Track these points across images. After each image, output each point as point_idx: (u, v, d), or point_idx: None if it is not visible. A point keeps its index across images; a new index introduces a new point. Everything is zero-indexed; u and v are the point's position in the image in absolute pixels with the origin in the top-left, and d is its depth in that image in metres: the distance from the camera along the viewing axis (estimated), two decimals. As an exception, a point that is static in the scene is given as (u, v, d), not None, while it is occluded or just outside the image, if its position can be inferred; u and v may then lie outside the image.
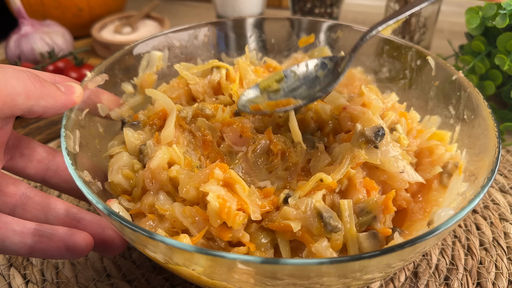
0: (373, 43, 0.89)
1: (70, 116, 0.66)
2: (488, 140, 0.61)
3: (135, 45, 0.82)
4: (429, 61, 0.79)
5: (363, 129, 0.60)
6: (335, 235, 0.55)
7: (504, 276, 0.69)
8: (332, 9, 1.33)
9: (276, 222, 0.56)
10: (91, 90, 0.71)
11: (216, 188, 0.55)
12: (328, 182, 0.58)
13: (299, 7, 1.34)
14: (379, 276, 0.56)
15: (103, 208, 0.51)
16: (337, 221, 0.55)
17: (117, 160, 0.67)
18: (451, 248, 0.74)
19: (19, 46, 1.16)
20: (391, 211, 0.57)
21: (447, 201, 0.64)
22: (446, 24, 1.49)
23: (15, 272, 0.71)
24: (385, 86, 0.89)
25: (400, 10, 0.67)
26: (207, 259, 0.46)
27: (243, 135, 0.66)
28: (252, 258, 0.44)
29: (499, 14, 0.91)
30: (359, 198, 0.59)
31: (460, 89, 0.72)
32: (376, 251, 0.44)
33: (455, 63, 1.12)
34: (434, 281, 0.69)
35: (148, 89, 0.73)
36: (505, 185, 0.86)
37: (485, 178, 0.55)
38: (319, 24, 0.93)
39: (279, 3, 1.69)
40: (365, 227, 0.58)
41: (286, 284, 0.49)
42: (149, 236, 0.47)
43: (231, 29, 0.94)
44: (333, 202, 0.59)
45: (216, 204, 0.53)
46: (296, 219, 0.55)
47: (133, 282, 0.69)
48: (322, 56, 0.76)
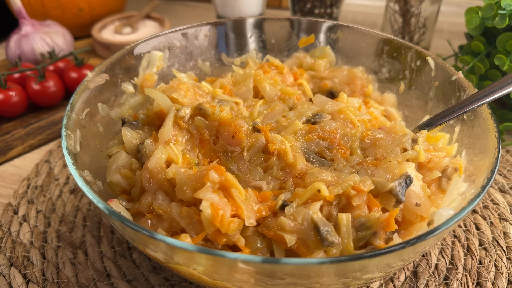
0: (373, 44, 0.89)
1: (71, 115, 0.66)
2: (488, 140, 0.61)
3: (135, 45, 0.82)
4: (429, 61, 0.79)
5: (393, 187, 0.58)
6: (331, 249, 0.54)
7: (504, 276, 0.69)
8: (332, 9, 1.33)
9: (272, 230, 0.55)
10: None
11: (210, 196, 0.54)
12: (325, 195, 0.56)
13: (299, 8, 1.35)
14: (379, 276, 0.56)
15: (104, 208, 0.51)
16: (334, 236, 0.54)
17: (116, 160, 0.68)
18: (450, 248, 0.74)
19: (19, 46, 1.16)
20: (392, 229, 0.56)
21: (447, 201, 0.64)
22: (445, 24, 1.49)
23: (15, 271, 0.71)
24: (385, 86, 0.89)
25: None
26: (208, 258, 0.46)
27: (236, 136, 0.66)
28: (252, 257, 0.45)
29: (498, 14, 0.91)
30: (359, 213, 0.57)
31: (460, 90, 0.73)
32: (377, 251, 0.44)
33: (454, 63, 1.12)
34: (434, 281, 0.69)
35: (147, 89, 0.73)
36: (504, 185, 0.86)
37: (485, 178, 0.55)
38: (319, 24, 0.93)
39: (279, 3, 1.69)
40: (363, 242, 0.57)
41: (287, 284, 0.49)
42: (150, 235, 0.47)
43: (231, 30, 0.94)
44: (331, 213, 0.57)
45: (209, 212, 0.53)
46: (292, 231, 0.54)
47: (133, 282, 0.69)
48: None
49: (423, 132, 0.68)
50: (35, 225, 0.79)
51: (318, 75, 0.88)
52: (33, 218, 0.80)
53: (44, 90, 1.01)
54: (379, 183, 0.58)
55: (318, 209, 0.56)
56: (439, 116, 0.69)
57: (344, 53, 0.92)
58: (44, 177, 0.89)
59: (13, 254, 0.73)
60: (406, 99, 0.85)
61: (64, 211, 0.81)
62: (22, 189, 0.87)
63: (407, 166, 0.62)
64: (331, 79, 0.87)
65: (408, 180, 0.59)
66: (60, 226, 0.78)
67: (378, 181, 0.59)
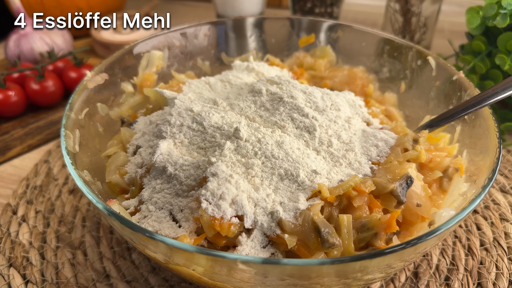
0: (373, 43, 0.89)
1: (70, 115, 0.66)
2: (489, 140, 0.61)
3: (135, 44, 0.82)
4: (430, 61, 0.79)
5: (394, 188, 0.58)
6: (332, 250, 0.54)
7: (505, 276, 0.69)
8: (332, 8, 1.33)
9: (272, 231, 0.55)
10: None
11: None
12: (325, 196, 0.56)
13: (299, 7, 1.34)
14: (380, 277, 0.56)
15: (103, 208, 0.51)
16: (335, 237, 0.53)
17: (114, 160, 0.67)
18: (451, 248, 0.74)
19: (18, 46, 1.16)
20: (394, 230, 0.56)
21: (448, 201, 0.63)
22: (446, 24, 1.49)
23: (14, 272, 0.71)
24: (386, 86, 0.89)
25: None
26: (208, 259, 0.46)
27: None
28: (252, 258, 0.44)
29: (499, 13, 0.91)
30: (360, 214, 0.57)
31: (461, 89, 0.72)
32: (377, 251, 0.44)
33: (455, 63, 1.12)
34: (435, 281, 0.68)
35: (146, 89, 0.73)
36: (505, 185, 0.86)
37: (486, 178, 0.55)
38: (319, 23, 0.92)
39: (279, 2, 1.68)
40: (364, 243, 0.57)
41: (287, 285, 0.49)
42: (150, 236, 0.46)
43: (231, 29, 0.94)
44: (332, 214, 0.57)
45: (209, 217, 0.53)
46: (292, 233, 0.54)
47: (133, 282, 0.69)
48: None
49: (424, 132, 0.68)
50: (34, 225, 0.79)
51: (319, 75, 0.88)
52: (32, 218, 0.80)
53: (43, 90, 1.01)
54: (380, 184, 0.58)
55: (318, 210, 0.55)
56: (441, 117, 0.68)
57: (345, 52, 0.92)
58: (43, 177, 0.89)
59: (12, 255, 0.73)
60: (406, 98, 0.85)
61: (63, 211, 0.81)
62: (21, 189, 0.86)
63: (408, 167, 0.61)
64: (331, 79, 0.86)
65: (409, 181, 0.58)
66: (59, 227, 0.78)
67: (379, 182, 0.58)
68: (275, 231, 0.54)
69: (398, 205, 0.58)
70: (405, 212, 0.60)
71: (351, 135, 0.67)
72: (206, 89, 0.79)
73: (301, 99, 0.68)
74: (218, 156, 0.60)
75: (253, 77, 0.81)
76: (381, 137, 0.67)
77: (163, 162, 0.62)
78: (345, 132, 0.67)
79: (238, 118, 0.67)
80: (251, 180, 0.58)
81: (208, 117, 0.66)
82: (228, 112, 0.68)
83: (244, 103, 0.69)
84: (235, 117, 0.67)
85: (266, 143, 0.61)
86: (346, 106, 0.70)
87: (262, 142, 0.61)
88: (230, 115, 0.67)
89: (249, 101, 0.70)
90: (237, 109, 0.69)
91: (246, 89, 0.74)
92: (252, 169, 0.59)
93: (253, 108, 0.69)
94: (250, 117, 0.67)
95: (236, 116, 0.67)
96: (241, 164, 0.60)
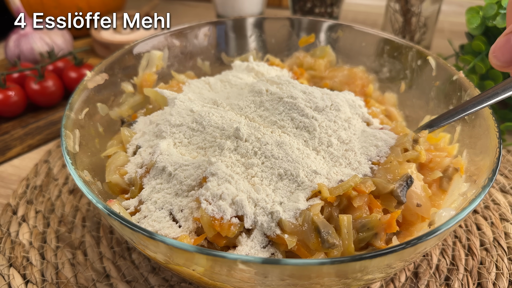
0: (373, 43, 0.89)
1: (70, 115, 0.66)
2: (489, 140, 0.61)
3: (135, 44, 0.82)
4: (430, 61, 0.79)
5: (394, 188, 0.58)
6: (332, 250, 0.54)
7: (505, 276, 0.69)
8: (332, 8, 1.33)
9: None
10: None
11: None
12: (325, 196, 0.56)
13: (299, 7, 1.34)
14: (380, 277, 0.56)
15: (103, 208, 0.51)
16: (335, 238, 0.53)
17: (114, 160, 0.67)
18: (451, 248, 0.74)
19: (18, 46, 1.16)
20: (394, 230, 0.56)
21: (448, 201, 0.63)
22: (446, 24, 1.49)
23: (14, 272, 0.71)
24: (386, 86, 0.89)
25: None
26: (208, 259, 0.46)
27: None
28: (252, 258, 0.44)
29: (499, 13, 0.91)
30: (360, 214, 0.57)
31: (461, 89, 0.72)
32: (377, 251, 0.44)
33: (455, 63, 1.12)
34: (435, 282, 0.68)
35: (146, 89, 0.73)
36: (505, 185, 0.86)
37: (486, 178, 0.55)
38: (319, 23, 0.92)
39: (279, 2, 1.68)
40: (364, 243, 0.57)
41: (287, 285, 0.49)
42: (150, 236, 0.46)
43: (231, 29, 0.94)
44: (332, 214, 0.57)
45: (209, 218, 0.53)
46: (292, 233, 0.54)
47: (133, 282, 0.69)
48: None
49: (424, 132, 0.68)
50: (34, 225, 0.79)
51: (319, 75, 0.88)
52: (32, 218, 0.80)
53: (43, 90, 1.01)
54: (380, 184, 0.58)
55: (318, 211, 0.55)
56: (441, 118, 0.68)
57: (345, 52, 0.92)
58: (43, 177, 0.89)
59: (12, 255, 0.73)
60: (407, 98, 0.85)
61: (63, 211, 0.81)
62: (21, 189, 0.86)
63: (408, 167, 0.61)
64: (331, 79, 0.86)
65: (409, 181, 0.58)
66: (59, 227, 0.78)
67: (379, 182, 0.58)
68: (275, 231, 0.54)
69: (398, 205, 0.58)
70: (405, 212, 0.60)
71: (351, 135, 0.67)
72: (206, 89, 0.79)
73: (301, 99, 0.68)
74: (218, 156, 0.60)
75: (253, 77, 0.81)
76: (381, 137, 0.67)
77: (163, 162, 0.62)
78: (345, 132, 0.67)
79: (238, 118, 0.67)
80: (251, 180, 0.58)
81: (208, 117, 0.66)
82: (228, 112, 0.68)
83: (244, 103, 0.70)
84: (235, 117, 0.67)
85: (266, 143, 0.61)
86: (346, 106, 0.70)
87: (262, 142, 0.61)
88: (230, 115, 0.67)
89: (249, 101, 0.70)
90: (237, 109, 0.69)
91: (246, 89, 0.74)
92: (252, 169, 0.59)
93: (253, 108, 0.69)
94: (250, 117, 0.67)
95: (236, 116, 0.67)
96: (241, 164, 0.60)
